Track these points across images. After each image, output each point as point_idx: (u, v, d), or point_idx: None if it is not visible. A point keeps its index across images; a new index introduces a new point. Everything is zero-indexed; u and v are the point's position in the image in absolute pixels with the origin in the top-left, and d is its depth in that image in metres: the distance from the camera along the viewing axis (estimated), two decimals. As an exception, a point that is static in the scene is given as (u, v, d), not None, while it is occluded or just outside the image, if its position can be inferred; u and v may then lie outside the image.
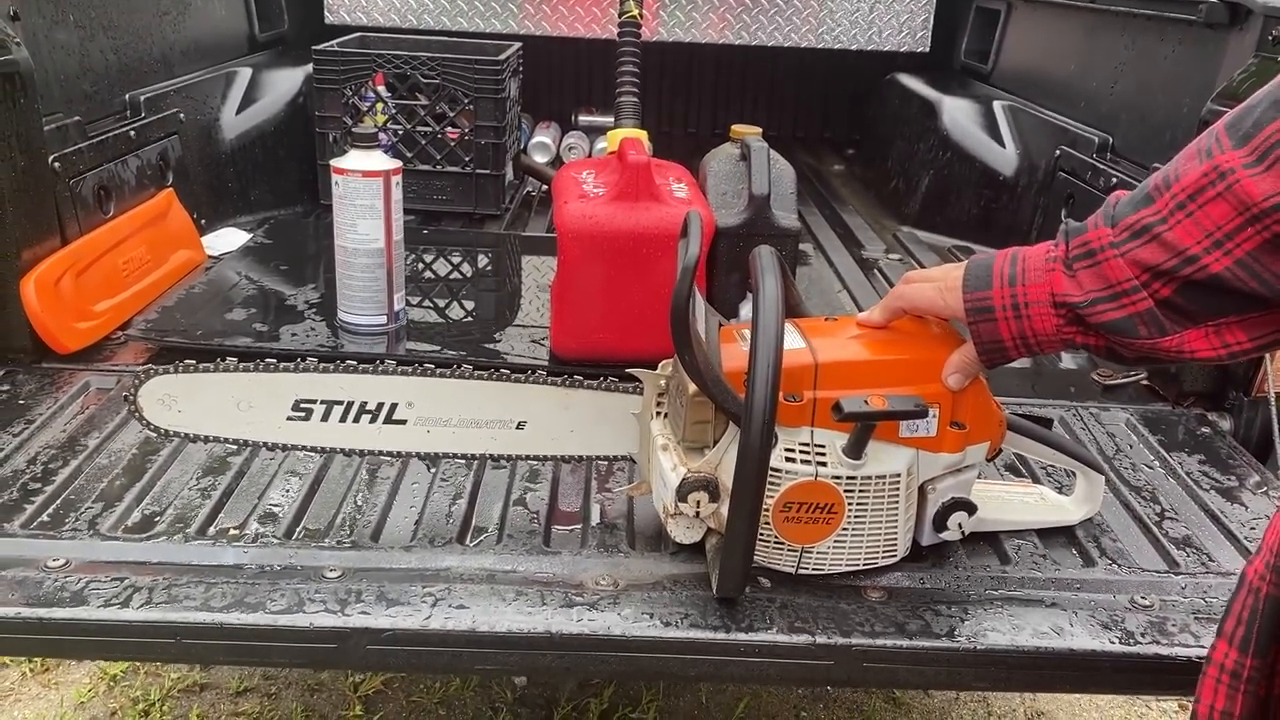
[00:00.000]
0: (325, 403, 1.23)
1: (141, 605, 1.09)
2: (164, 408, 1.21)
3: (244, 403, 1.22)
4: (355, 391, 1.23)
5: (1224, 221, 0.85)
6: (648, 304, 1.60)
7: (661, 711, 2.16)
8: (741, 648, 1.10)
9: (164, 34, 2.19)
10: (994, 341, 1.06)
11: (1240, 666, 0.83)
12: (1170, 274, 0.91)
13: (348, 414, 1.23)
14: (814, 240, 2.49)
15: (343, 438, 1.25)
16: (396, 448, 1.27)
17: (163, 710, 2.11)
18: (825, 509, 1.13)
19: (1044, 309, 1.01)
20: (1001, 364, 1.09)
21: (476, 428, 1.26)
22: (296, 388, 1.22)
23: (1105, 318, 0.97)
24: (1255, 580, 0.83)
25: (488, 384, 1.25)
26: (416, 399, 1.24)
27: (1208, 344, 0.93)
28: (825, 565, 1.18)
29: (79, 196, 1.72)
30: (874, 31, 3.09)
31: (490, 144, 2.41)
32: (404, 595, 1.12)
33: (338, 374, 1.23)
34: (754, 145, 1.68)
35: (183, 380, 1.21)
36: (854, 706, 2.23)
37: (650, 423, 1.24)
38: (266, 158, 2.46)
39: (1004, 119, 2.54)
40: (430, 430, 1.25)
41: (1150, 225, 0.91)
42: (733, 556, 1.09)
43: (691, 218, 1.12)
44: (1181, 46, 1.93)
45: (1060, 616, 1.15)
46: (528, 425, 1.27)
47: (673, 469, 1.15)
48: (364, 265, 1.70)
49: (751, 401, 1.02)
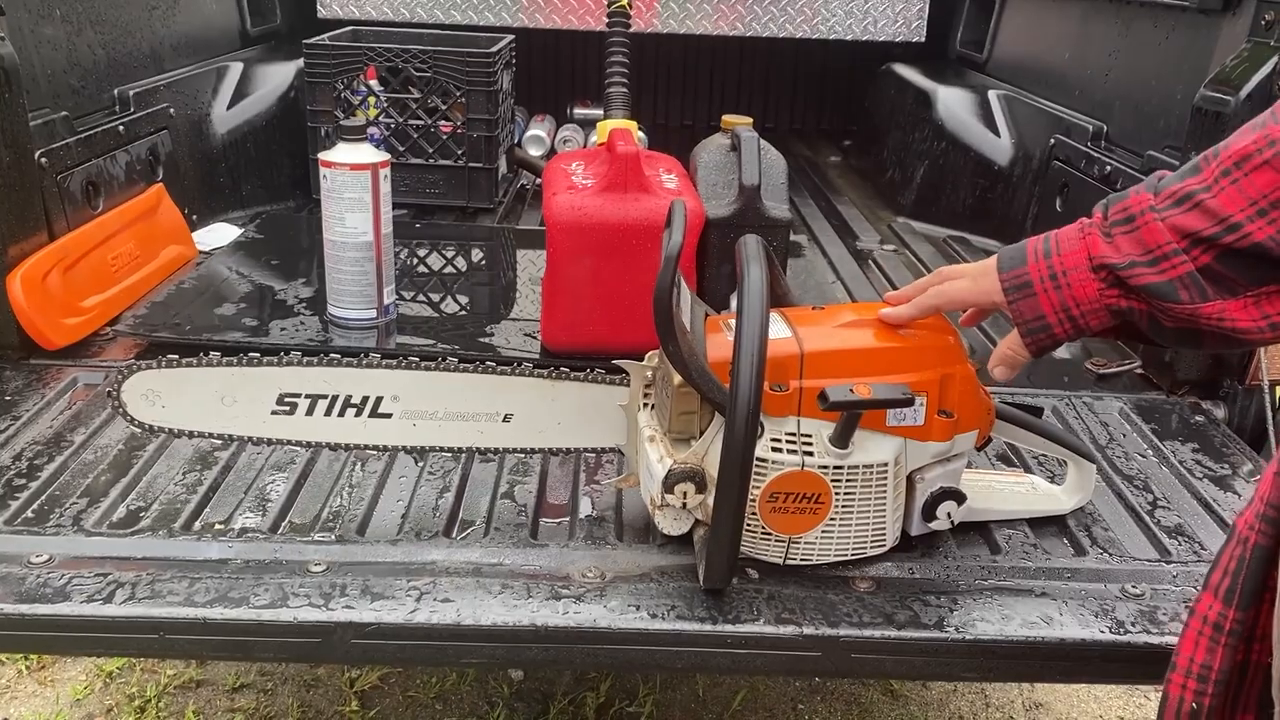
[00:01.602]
0: (310, 396, 1.21)
1: (125, 601, 1.08)
2: (147, 403, 1.20)
3: (228, 397, 1.21)
4: (340, 385, 1.22)
5: (1269, 189, 0.83)
6: (638, 295, 1.59)
7: (658, 705, 2.16)
8: (728, 639, 1.09)
9: (153, 28, 2.18)
10: (1036, 319, 1.00)
11: (1223, 619, 0.82)
12: (1211, 241, 0.87)
13: (332, 408, 1.22)
14: (808, 231, 2.47)
15: (328, 432, 1.24)
16: (382, 441, 1.26)
17: (159, 707, 2.11)
18: (812, 499, 1.12)
19: (1083, 274, 0.97)
20: (1050, 347, 1.03)
21: (463, 420, 1.25)
22: (280, 381, 1.21)
23: (1144, 280, 0.92)
24: (1244, 530, 0.82)
25: (473, 376, 1.24)
26: (402, 392, 1.23)
27: (1248, 315, 0.89)
28: (814, 555, 1.17)
29: (67, 192, 1.71)
30: (869, 21, 3.08)
31: (483, 137, 2.40)
32: (389, 589, 1.12)
33: (322, 367, 1.22)
34: (744, 135, 1.67)
35: (166, 375, 1.20)
36: (851, 699, 2.22)
37: (637, 414, 1.24)
38: (258, 152, 2.45)
39: (999, 108, 2.53)
40: (416, 424, 1.24)
41: (1194, 192, 0.88)
42: (719, 547, 1.08)
43: (675, 206, 1.12)
44: (1175, 33, 1.92)
45: (1050, 606, 1.15)
46: (514, 418, 1.26)
47: (659, 460, 1.15)
48: (352, 259, 1.70)
49: (736, 391, 1.01)
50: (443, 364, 1.24)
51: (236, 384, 1.21)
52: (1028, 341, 1.03)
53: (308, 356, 1.23)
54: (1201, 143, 1.58)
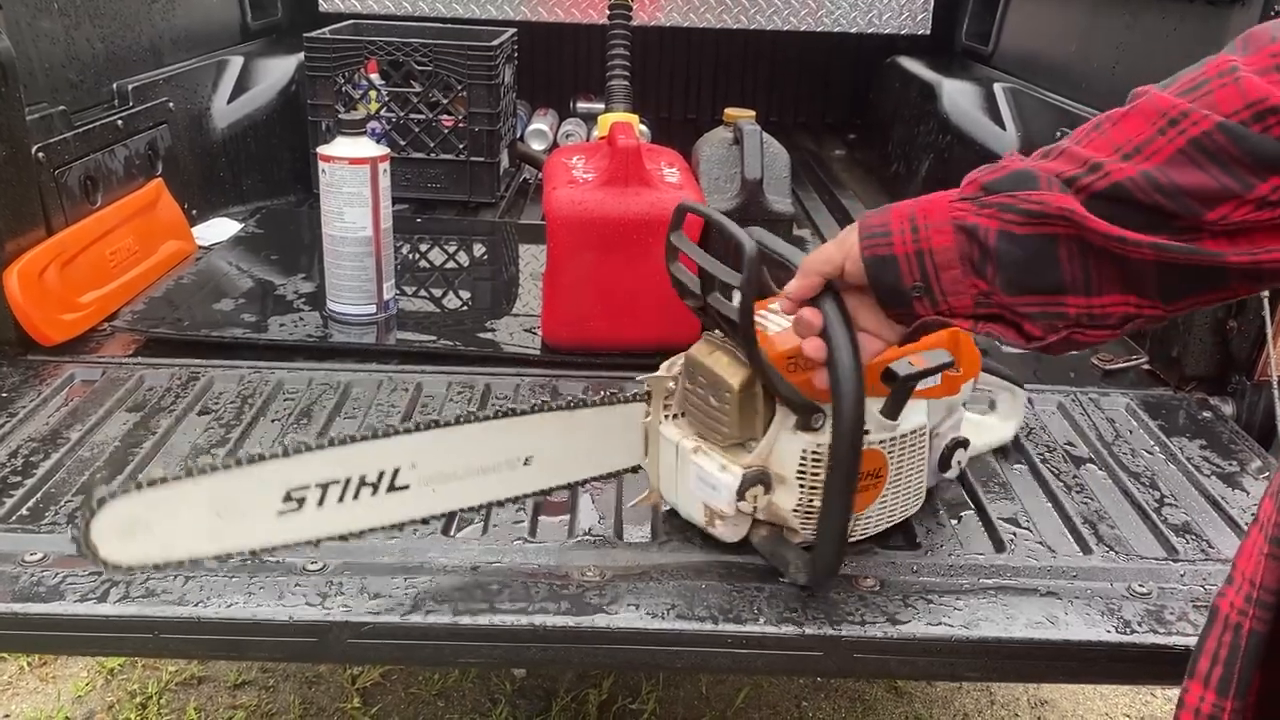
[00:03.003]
0: (320, 486, 1.06)
1: (119, 600, 1.07)
2: (126, 539, 0.98)
3: (224, 509, 1.02)
4: (351, 465, 1.07)
5: (1135, 134, 0.80)
6: (639, 290, 1.58)
7: (661, 702, 2.15)
8: (729, 639, 1.08)
9: (153, 22, 2.17)
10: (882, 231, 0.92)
11: (1219, 710, 0.77)
12: (1073, 180, 0.82)
13: (345, 492, 1.07)
14: (812, 225, 2.46)
15: (344, 520, 1.09)
16: (404, 517, 1.12)
17: (160, 704, 2.10)
18: (874, 474, 1.14)
19: (940, 205, 0.90)
20: (898, 306, 0.94)
21: (483, 474, 1.15)
22: (284, 475, 1.04)
23: (995, 176, 0.87)
24: (1234, 615, 0.77)
25: (489, 425, 1.14)
26: (419, 458, 1.10)
27: None
28: (870, 528, 1.19)
29: (64, 187, 1.70)
30: (874, 14, 3.05)
31: (484, 131, 2.38)
32: (386, 588, 1.11)
33: (330, 449, 1.06)
34: (746, 129, 1.66)
35: (144, 499, 0.98)
36: (855, 696, 2.21)
37: (661, 428, 1.19)
38: (259, 147, 2.44)
39: (1004, 101, 2.50)
40: (435, 489, 1.12)
41: (1062, 146, 0.85)
42: (832, 540, 1.08)
43: (746, 249, 1.04)
44: (1183, 25, 1.89)
45: (1055, 605, 1.13)
46: (534, 460, 1.17)
47: (722, 469, 1.12)
48: (352, 254, 1.68)
49: (840, 384, 1.00)
50: (461, 420, 1.12)
51: (231, 490, 1.01)
52: (880, 296, 0.94)
53: (313, 446, 1.06)
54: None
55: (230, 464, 1.01)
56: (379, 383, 1.55)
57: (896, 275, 0.92)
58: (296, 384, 1.54)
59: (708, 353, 1.14)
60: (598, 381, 1.57)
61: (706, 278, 1.10)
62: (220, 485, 1.01)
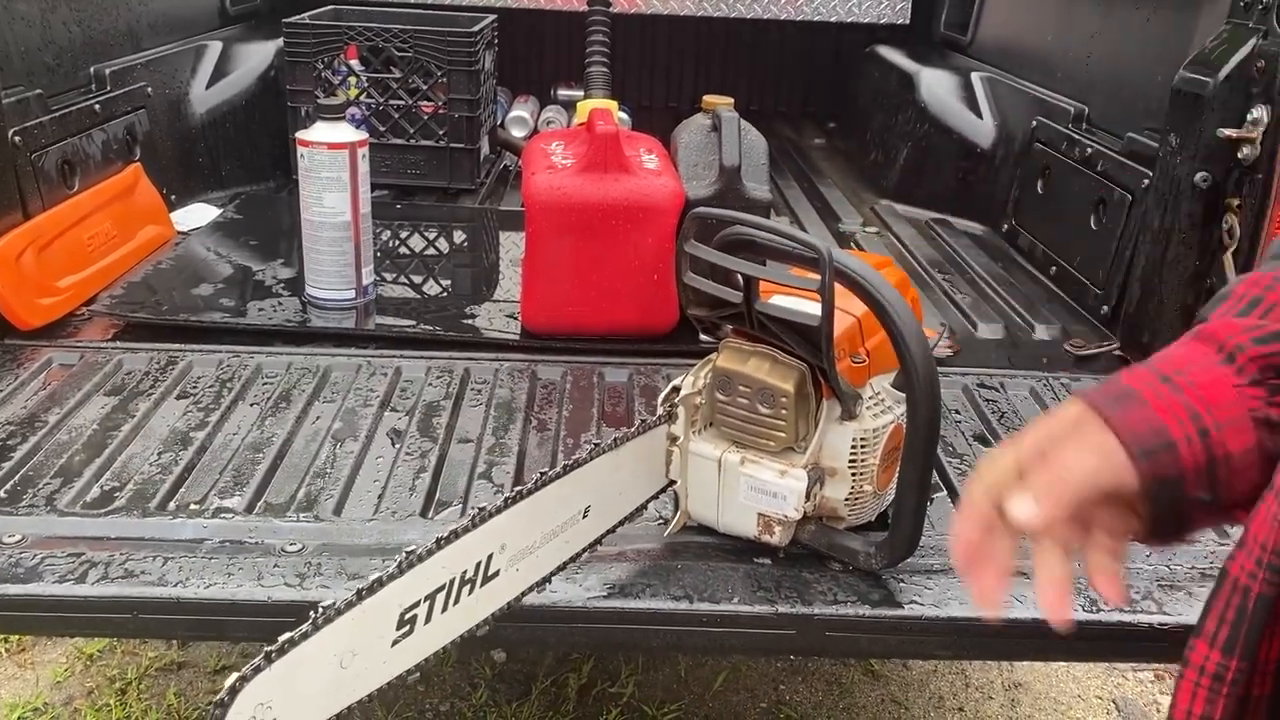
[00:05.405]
0: (428, 597, 0.98)
1: (98, 580, 1.08)
2: None
3: (347, 655, 0.92)
4: (453, 563, 0.99)
5: None
6: (617, 276, 1.59)
7: (640, 685, 2.17)
8: (703, 618, 1.10)
9: (130, 6, 2.16)
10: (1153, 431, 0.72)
11: (1224, 669, 0.77)
12: None
13: (449, 597, 1.00)
14: (790, 213, 2.47)
15: (452, 627, 1.01)
16: (500, 604, 1.06)
17: (140, 689, 2.11)
18: (897, 448, 1.14)
19: (1239, 415, 0.73)
20: (1171, 473, 0.73)
21: (555, 538, 1.10)
22: (400, 596, 0.95)
23: None
24: (1243, 579, 0.76)
25: (562, 482, 1.08)
26: (508, 539, 1.04)
27: None
28: (886, 501, 1.20)
29: (41, 171, 1.69)
30: (854, 3, 3.07)
31: (464, 118, 2.38)
32: (365, 569, 1.11)
33: (436, 556, 0.97)
34: (725, 116, 1.66)
35: (275, 675, 0.87)
36: (832, 679, 2.24)
37: (691, 446, 1.16)
38: (238, 132, 2.43)
39: (982, 90, 2.52)
40: (519, 568, 1.07)
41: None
42: (908, 520, 1.10)
43: (823, 256, 1.02)
44: (1155, 15, 1.92)
45: (1023, 585, 1.14)
46: (591, 509, 1.13)
47: (782, 475, 1.11)
48: (330, 239, 1.69)
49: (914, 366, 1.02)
50: (540, 483, 1.06)
51: (353, 632, 0.92)
52: (1141, 469, 0.72)
53: (423, 554, 0.97)
54: (1180, 125, 1.59)
55: (351, 602, 0.91)
56: (358, 367, 1.56)
57: (1181, 493, 0.74)
58: (275, 368, 1.54)
59: (742, 360, 1.12)
60: (576, 366, 1.58)
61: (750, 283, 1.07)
62: (343, 630, 0.91)
